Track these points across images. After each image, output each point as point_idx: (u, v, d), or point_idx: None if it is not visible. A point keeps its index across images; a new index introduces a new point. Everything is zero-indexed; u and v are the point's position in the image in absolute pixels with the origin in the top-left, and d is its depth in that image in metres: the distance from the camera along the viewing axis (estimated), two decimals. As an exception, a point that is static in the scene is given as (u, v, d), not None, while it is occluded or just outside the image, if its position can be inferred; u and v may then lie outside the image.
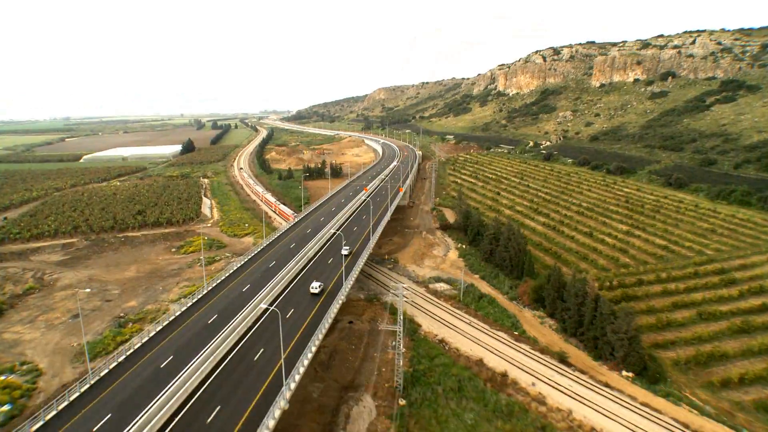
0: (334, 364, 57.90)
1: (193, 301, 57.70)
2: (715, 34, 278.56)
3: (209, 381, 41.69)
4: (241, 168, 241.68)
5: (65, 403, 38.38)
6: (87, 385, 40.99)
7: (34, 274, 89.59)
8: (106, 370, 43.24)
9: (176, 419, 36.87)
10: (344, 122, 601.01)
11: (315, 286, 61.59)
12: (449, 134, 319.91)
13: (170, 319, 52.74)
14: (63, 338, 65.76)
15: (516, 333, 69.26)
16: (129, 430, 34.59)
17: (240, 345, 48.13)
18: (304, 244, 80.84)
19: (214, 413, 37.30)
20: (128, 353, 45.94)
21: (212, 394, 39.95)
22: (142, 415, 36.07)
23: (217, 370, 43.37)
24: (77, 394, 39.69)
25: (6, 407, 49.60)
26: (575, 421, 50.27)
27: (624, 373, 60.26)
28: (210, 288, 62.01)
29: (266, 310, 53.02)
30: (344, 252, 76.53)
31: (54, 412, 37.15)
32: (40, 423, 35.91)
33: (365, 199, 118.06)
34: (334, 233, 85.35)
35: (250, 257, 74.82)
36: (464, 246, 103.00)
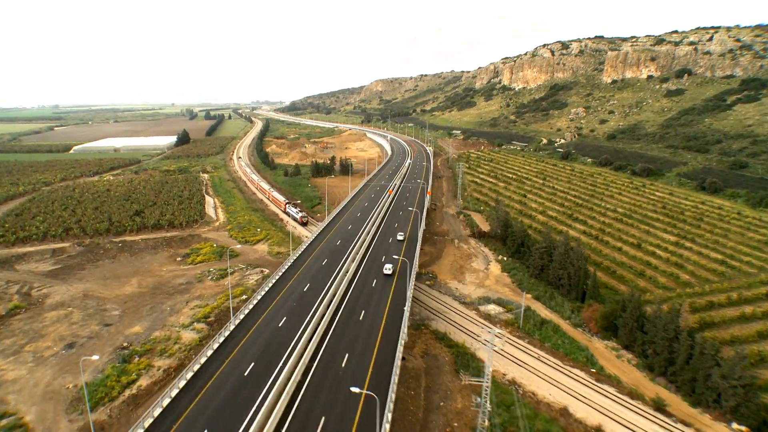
0: (395, 418, 47.23)
1: (220, 341, 46.45)
2: (734, 31, 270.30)
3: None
4: (240, 157, 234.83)
5: None
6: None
7: (20, 289, 77.34)
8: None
9: None
10: (341, 114, 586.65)
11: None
12: (455, 129, 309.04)
13: (196, 369, 41.58)
14: (56, 377, 54.19)
15: (594, 370, 59.26)
16: None
17: (294, 409, 37.13)
18: (339, 261, 69.87)
19: None
20: (147, 425, 34.76)
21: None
22: None
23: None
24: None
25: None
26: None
27: (735, 426, 50.56)
28: (239, 320, 50.77)
29: (313, 358, 42.04)
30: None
31: None
32: None
33: (392, 202, 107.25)
34: (370, 245, 74.46)
35: (278, 277, 63.56)
36: (505, 258, 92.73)
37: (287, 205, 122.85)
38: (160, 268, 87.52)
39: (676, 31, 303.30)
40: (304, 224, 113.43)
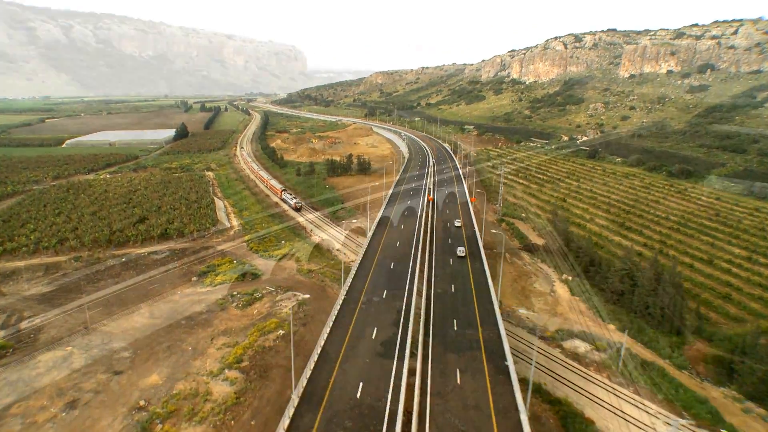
0: None
1: (286, 425, 34.17)
2: (760, 24, 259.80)
3: None
4: (242, 148, 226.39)
5: None
6: None
7: (7, 320, 64.41)
8: None
9: None
10: (340, 107, 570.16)
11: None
12: (466, 124, 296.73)
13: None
14: (55, 453, 41.81)
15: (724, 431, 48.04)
16: None
17: None
18: (401, 292, 57.68)
19: None
20: None
21: None
22: None
23: None
24: None
25: None
26: None
27: None
28: (302, 387, 38.37)
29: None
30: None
31: None
32: None
33: (433, 212, 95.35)
34: (430, 272, 62.41)
35: (333, 319, 50.82)
36: (570, 278, 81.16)
37: (283, 192, 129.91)
38: (173, 291, 74.81)
39: (696, 25, 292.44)
40: (298, 209, 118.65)
